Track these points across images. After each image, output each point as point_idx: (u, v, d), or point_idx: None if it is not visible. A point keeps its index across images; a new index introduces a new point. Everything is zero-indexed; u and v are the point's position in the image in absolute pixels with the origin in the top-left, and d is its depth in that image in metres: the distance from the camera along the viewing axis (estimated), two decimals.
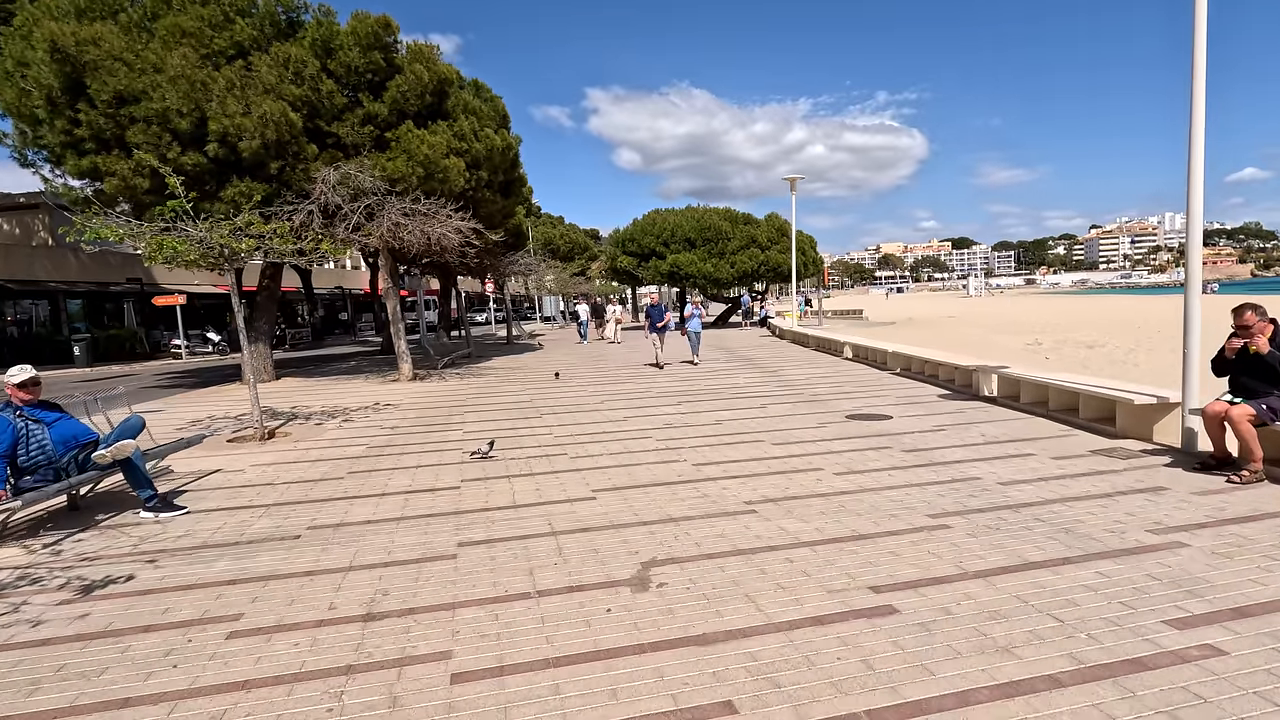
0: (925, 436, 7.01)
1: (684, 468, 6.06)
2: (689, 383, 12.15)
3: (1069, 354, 18.35)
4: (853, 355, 15.44)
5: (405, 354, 14.38)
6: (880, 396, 9.82)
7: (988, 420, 7.74)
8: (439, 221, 13.41)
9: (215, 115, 12.25)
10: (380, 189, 13.20)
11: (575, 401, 10.39)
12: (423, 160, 14.42)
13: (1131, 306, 46.31)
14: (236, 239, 7.68)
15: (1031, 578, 3.50)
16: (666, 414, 8.92)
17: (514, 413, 9.56)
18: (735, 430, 7.68)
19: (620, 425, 8.25)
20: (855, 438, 7.07)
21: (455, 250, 14.49)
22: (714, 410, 9.08)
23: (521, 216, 28.63)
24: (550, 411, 9.53)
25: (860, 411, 8.62)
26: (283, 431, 8.67)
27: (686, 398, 10.29)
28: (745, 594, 3.43)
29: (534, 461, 6.51)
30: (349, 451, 7.32)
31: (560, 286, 47.38)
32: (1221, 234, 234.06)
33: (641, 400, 10.24)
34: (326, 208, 12.73)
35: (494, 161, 17.50)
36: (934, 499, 4.89)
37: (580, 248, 54.17)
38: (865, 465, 5.91)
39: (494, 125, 17.86)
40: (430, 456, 6.92)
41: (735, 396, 10.28)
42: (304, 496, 5.56)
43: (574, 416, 9.01)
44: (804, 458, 6.27)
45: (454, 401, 10.94)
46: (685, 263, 30.13)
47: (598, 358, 18.18)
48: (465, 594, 3.55)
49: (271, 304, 15.41)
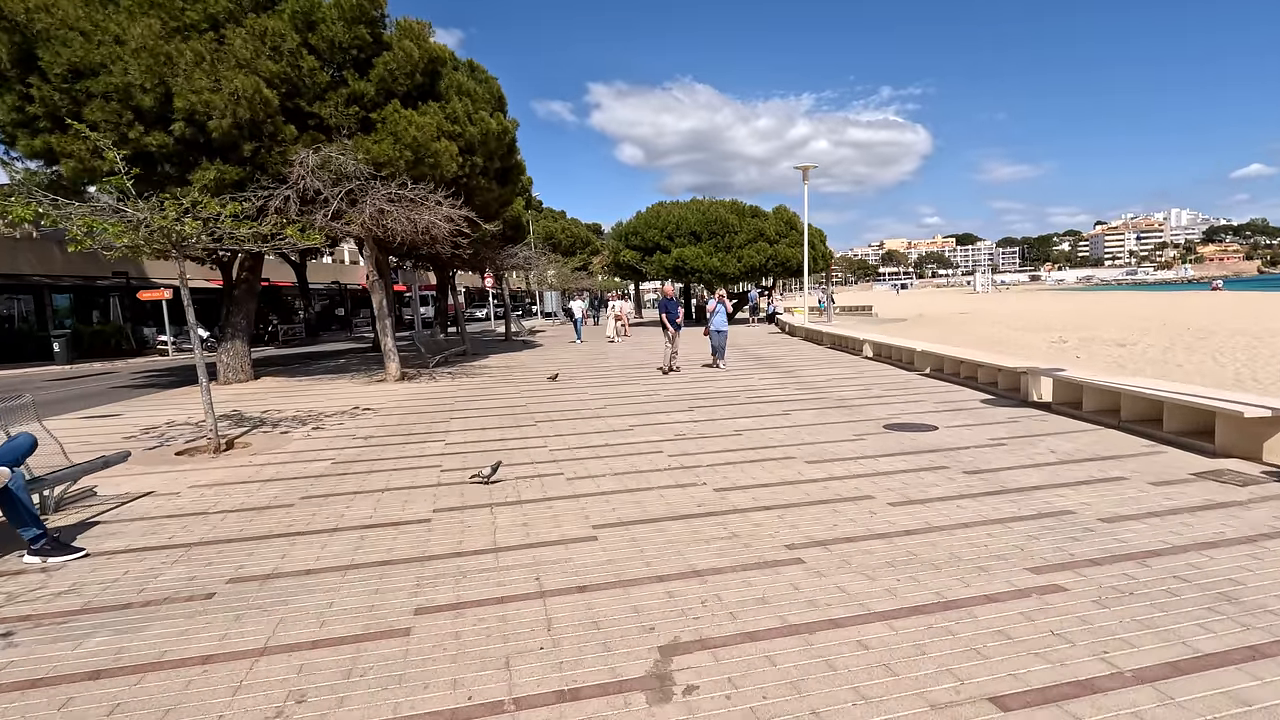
0: (984, 454, 5.95)
1: (704, 494, 5.02)
2: (700, 385, 11.10)
3: (1099, 352, 17.26)
4: (873, 354, 14.38)
5: (392, 352, 13.35)
6: (915, 401, 8.76)
7: (1051, 432, 6.68)
8: (428, 209, 12.36)
9: (181, 91, 11.19)
10: (364, 174, 12.14)
11: (574, 407, 9.35)
12: (411, 143, 13.37)
13: (1146, 303, 45.15)
14: (181, 223, 6.62)
15: (1218, 683, 2.46)
16: (678, 422, 7.88)
17: (505, 420, 8.52)
18: (759, 443, 6.63)
19: (625, 437, 7.21)
20: (901, 454, 6.02)
21: (446, 241, 13.45)
22: (731, 418, 8.04)
23: (520, 208, 27.56)
24: (546, 419, 8.49)
25: (899, 420, 7.56)
26: (242, 442, 7.64)
27: (699, 403, 9.25)
28: (813, 711, 2.38)
29: (523, 484, 5.47)
30: (310, 468, 6.29)
31: (562, 281, 46.36)
32: (1228, 230, 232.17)
33: (648, 406, 9.19)
34: (305, 193, 11.68)
35: (489, 146, 16.44)
36: (1027, 543, 3.84)
37: (582, 242, 53.09)
38: (924, 492, 4.86)
39: (489, 108, 16.79)
40: (402, 476, 5.88)
41: (753, 401, 9.23)
42: (239, 532, 4.53)
43: (573, 425, 7.97)
44: (847, 481, 5.22)
45: (441, 406, 9.90)
46: (690, 257, 29.05)
47: (597, 357, 17.13)
48: (411, 703, 2.51)
49: (250, 298, 14.37)
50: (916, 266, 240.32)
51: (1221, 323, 24.03)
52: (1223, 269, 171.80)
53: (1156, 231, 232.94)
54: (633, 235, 31.00)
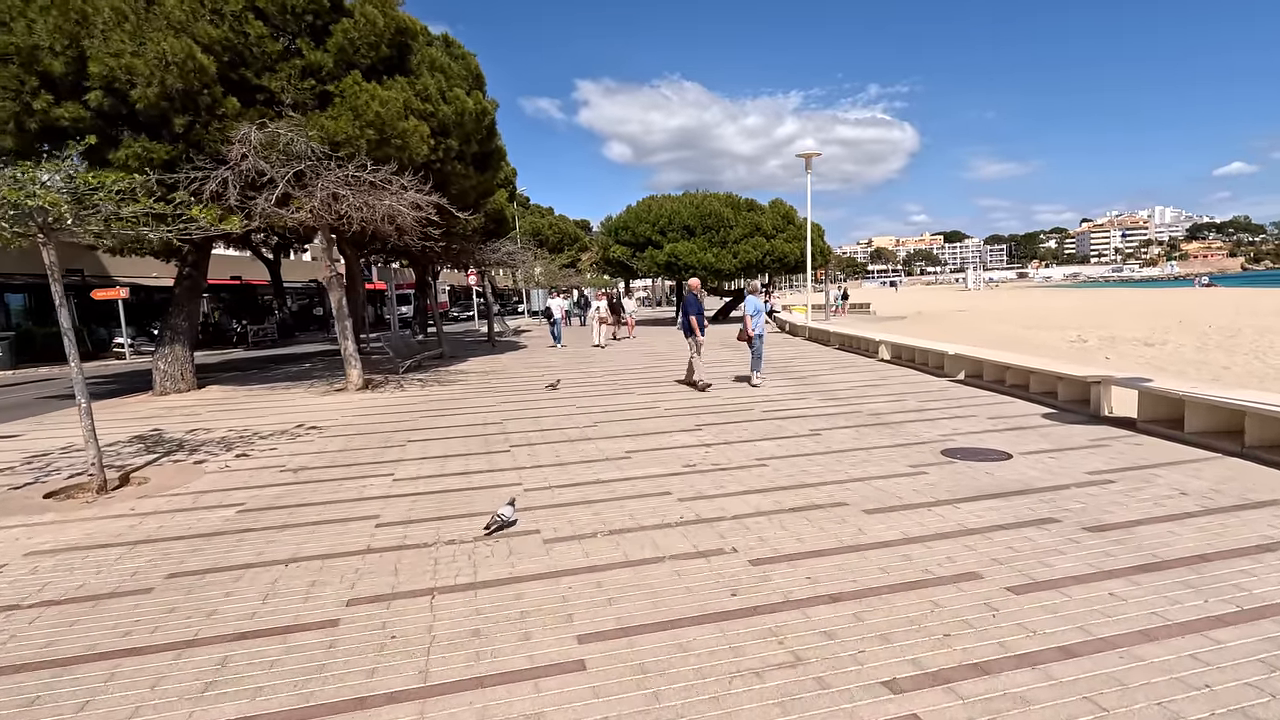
0: (1094, 496, 4.54)
1: (736, 569, 3.56)
2: (704, 398, 9.64)
3: (1128, 353, 16.03)
4: (891, 356, 13.00)
5: (354, 357, 11.78)
6: (964, 417, 7.36)
7: (1160, 462, 5.29)
8: (391, 194, 10.80)
9: (96, 54, 9.58)
10: (317, 154, 10.57)
11: (558, 423, 7.87)
12: (374, 120, 11.81)
13: (1146, 300, 44.35)
14: (34, 195, 5.04)
15: None
16: (684, 447, 6.42)
17: (474, 443, 7.01)
18: (794, 480, 5.18)
19: (621, 469, 5.74)
20: (984, 498, 4.59)
21: (415, 231, 11.88)
22: (750, 440, 6.59)
23: (503, 200, 25.97)
24: (524, 441, 6.99)
25: (957, 444, 6.15)
26: (140, 476, 6.09)
27: (706, 419, 7.79)
28: None
29: (482, 552, 3.98)
30: (206, 520, 4.76)
31: (549, 279, 44.75)
32: (1211, 228, 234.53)
33: (646, 424, 7.72)
34: (247, 175, 10.08)
35: (465, 128, 14.89)
36: (1265, 679, 2.41)
37: (570, 238, 51.55)
38: (1048, 567, 3.43)
39: (465, 86, 15.24)
40: (321, 536, 4.37)
41: (772, 416, 7.78)
42: (42, 649, 3.01)
43: (555, 452, 6.48)
44: (933, 547, 3.78)
45: (400, 423, 8.37)
46: (684, 252, 27.58)
47: (583, 363, 15.62)
48: None
49: (192, 297, 12.73)
50: (905, 264, 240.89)
51: (1240, 320, 22.95)
52: (1207, 266, 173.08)
53: (1141, 229, 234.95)
54: (623, 230, 29.48)
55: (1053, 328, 23.71)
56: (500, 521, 4.30)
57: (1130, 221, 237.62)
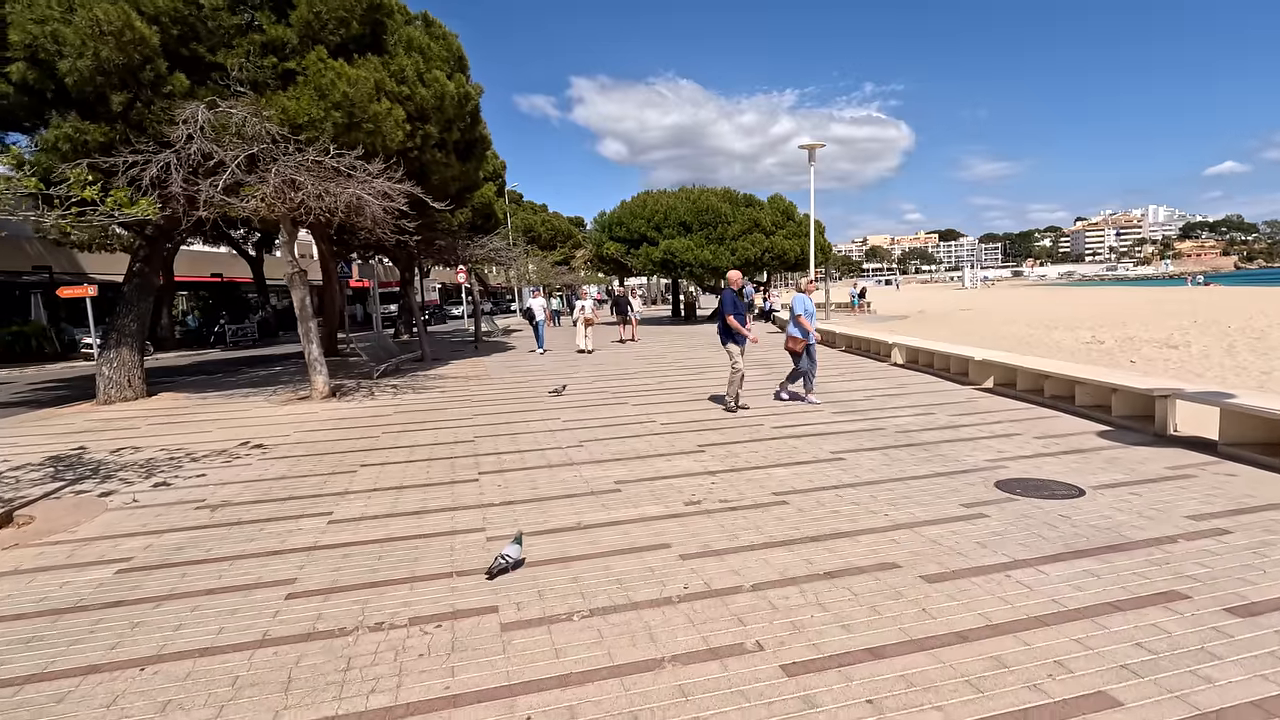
0: (1217, 557, 3.53)
1: (765, 688, 2.53)
2: (707, 410, 8.61)
3: (1152, 356, 15.09)
4: (905, 360, 12.00)
5: (318, 362, 10.70)
6: (1006, 435, 6.36)
7: (1273, 503, 4.29)
8: (357, 181, 9.73)
9: (18, 20, 8.48)
10: (275, 137, 9.48)
11: (538, 441, 6.82)
12: (341, 101, 10.73)
13: (1148, 299, 43.58)
14: None
15: None
16: (686, 475, 5.38)
17: (437, 469, 5.96)
18: (823, 526, 4.16)
19: (608, 509, 4.70)
20: (1074, 557, 3.58)
21: (386, 224, 10.80)
22: (763, 466, 5.57)
23: (491, 194, 24.88)
24: (496, 467, 5.95)
25: (1010, 473, 5.14)
26: (25, 515, 5.01)
27: (709, 434, 6.76)
28: None
29: (414, 647, 2.94)
30: (66, 589, 3.70)
31: (542, 276, 43.65)
32: (1204, 227, 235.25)
33: (640, 440, 6.68)
34: (191, 160, 8.98)
35: (445, 113, 13.82)
36: None
37: (563, 235, 50.44)
38: (1220, 694, 2.42)
39: (446, 68, 14.15)
40: (205, 618, 3.31)
41: (783, 434, 6.75)
42: None
43: (531, 481, 5.44)
44: (1028, 641, 2.76)
45: (358, 441, 7.30)
46: (680, 249, 26.55)
47: (571, 369, 14.57)
48: None
49: (143, 295, 11.60)
50: (900, 262, 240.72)
51: (1259, 320, 22.07)
52: (1200, 265, 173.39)
53: (1135, 228, 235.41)
54: (617, 226, 28.42)
55: (1063, 327, 22.78)
56: (504, 565, 3.58)
57: (1124, 220, 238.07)
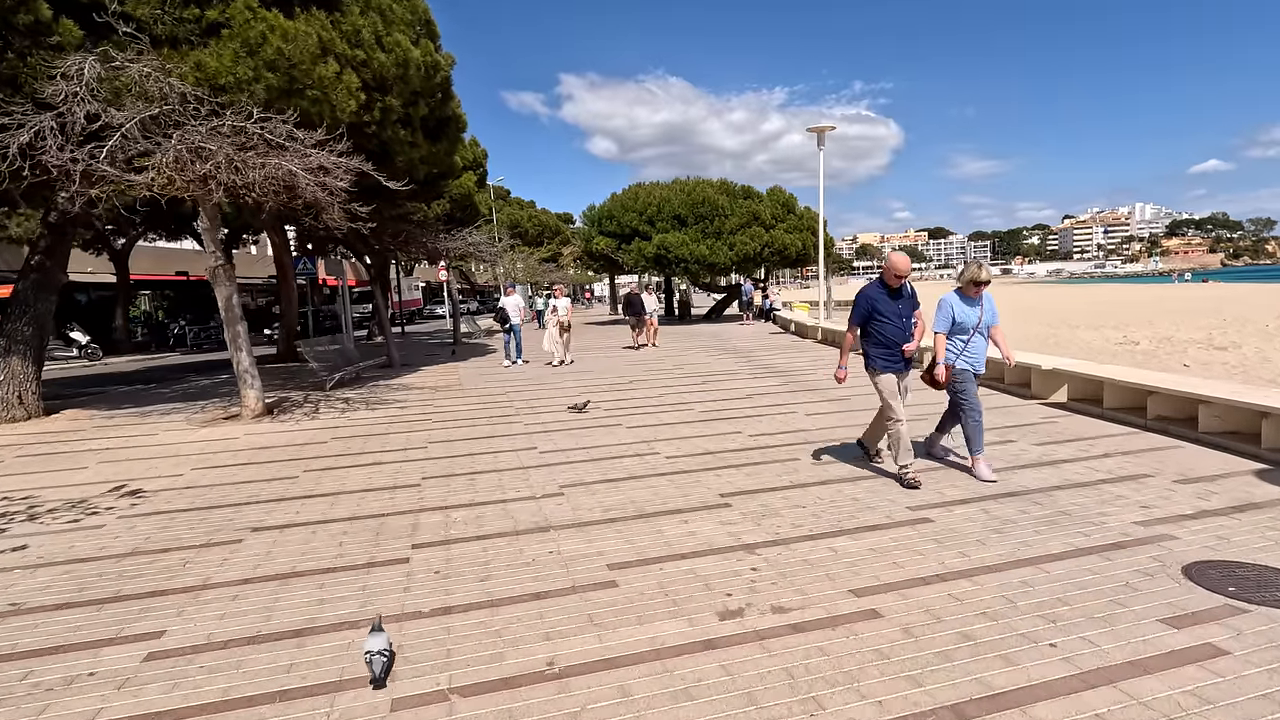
0: None
1: None
2: (719, 439, 6.92)
3: (1204, 358, 13.58)
4: None
5: (250, 375, 8.90)
6: (1136, 480, 4.72)
7: None
8: (291, 155, 7.94)
9: None
10: (189, 98, 7.69)
11: (503, 488, 5.11)
12: (274, 60, 8.98)
13: (1146, 295, 42.54)
14: None
15: None
16: (712, 553, 3.69)
17: (353, 541, 4.22)
18: (955, 676, 2.47)
19: (602, 626, 2.98)
20: None
21: (334, 208, 9.02)
22: (820, 533, 3.88)
23: (472, 184, 23.05)
24: (439, 537, 4.21)
25: (1185, 548, 3.48)
26: None
27: (733, 475, 5.07)
28: None
29: None
30: None
31: (529, 274, 41.80)
32: (1190, 224, 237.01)
33: (641, 489, 4.98)
34: (73, 125, 7.15)
35: (410, 84, 12.04)
36: None
37: (551, 231, 48.60)
38: None
39: (411, 33, 12.37)
40: None
41: (832, 474, 5.07)
42: None
43: (484, 564, 3.72)
44: None
45: (264, 487, 5.54)
46: (674, 244, 24.85)
47: (557, 378, 12.85)
48: None
49: (41, 296, 9.72)
50: None
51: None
52: (1188, 262, 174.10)
53: (1123, 225, 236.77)
54: (607, 220, 26.68)
55: (1085, 326, 21.32)
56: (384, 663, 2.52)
57: (1112, 218, 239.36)
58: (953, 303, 4.97)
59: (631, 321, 16.26)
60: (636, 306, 16.06)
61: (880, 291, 4.88)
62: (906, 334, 4.85)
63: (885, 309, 4.82)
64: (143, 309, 34.22)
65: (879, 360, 4.86)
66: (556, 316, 13.37)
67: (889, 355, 4.84)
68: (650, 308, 16.29)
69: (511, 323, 13.75)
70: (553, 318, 13.44)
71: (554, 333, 13.29)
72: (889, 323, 4.81)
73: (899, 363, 4.87)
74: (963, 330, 4.97)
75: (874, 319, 4.85)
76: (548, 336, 13.37)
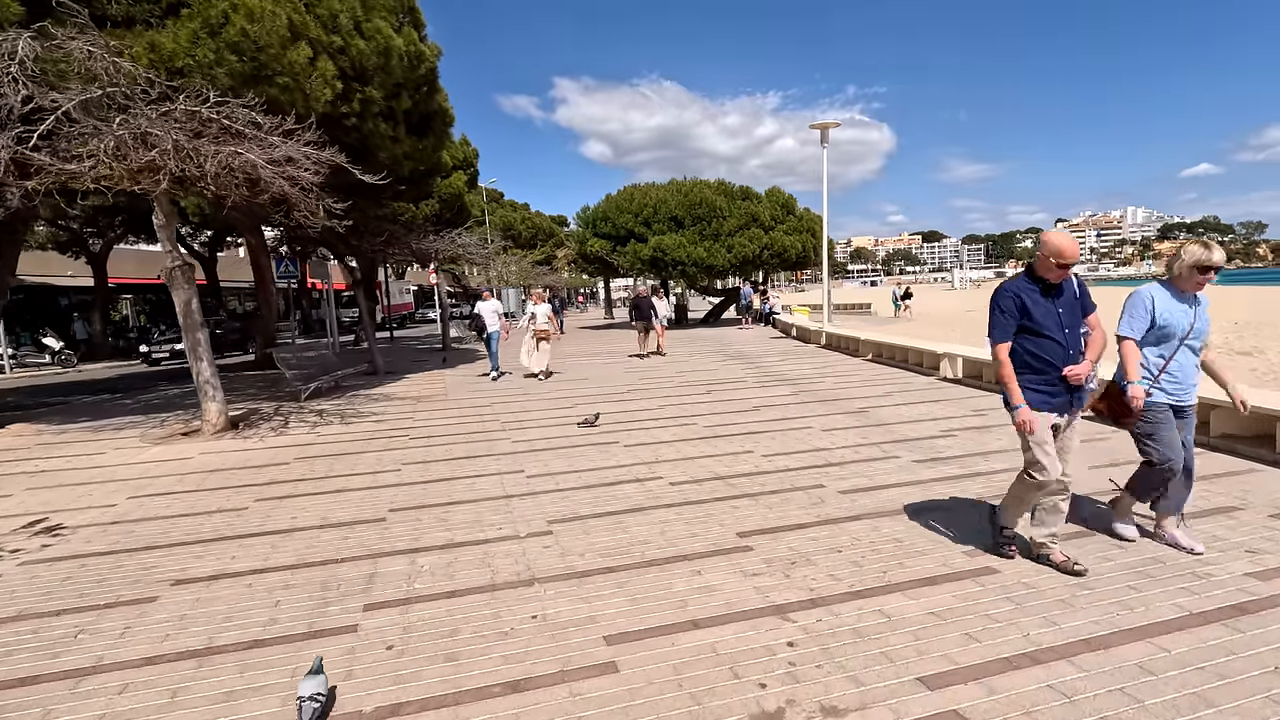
0: None
1: None
2: (738, 460, 6.19)
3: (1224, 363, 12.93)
4: (963, 374, 9.69)
5: (211, 386, 8.11)
6: (1226, 512, 4.03)
7: None
8: (253, 144, 7.18)
9: None
10: (135, 79, 6.93)
11: (482, 524, 4.36)
12: (239, 42, 8.27)
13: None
14: None
15: None
16: (734, 610, 2.96)
17: (291, 602, 3.47)
18: None
19: (592, 671, 2.27)
20: None
21: (305, 203, 8.25)
22: (863, 589, 3.16)
23: (461, 184, 22.31)
24: (397, 593, 3.46)
25: None
26: None
27: (746, 504, 4.35)
28: None
29: None
30: None
31: (522, 277, 41.09)
32: (1182, 227, 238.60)
33: (642, 514, 4.26)
34: (5, 110, 6.38)
35: (392, 74, 11.34)
36: None
37: (545, 234, 47.89)
38: None
39: (393, 19, 11.67)
40: None
41: (869, 507, 4.35)
42: None
43: (451, 635, 2.97)
44: None
45: (204, 522, 4.78)
46: (671, 246, 24.16)
47: (543, 388, 12.11)
48: None
49: None
50: (884, 263, 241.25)
51: None
52: None
53: (1116, 229, 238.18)
54: (602, 222, 25.96)
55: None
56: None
57: (1105, 221, 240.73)
58: (1154, 297, 3.42)
59: (639, 327, 14.65)
60: (644, 311, 14.41)
61: (1030, 288, 3.27)
62: (1073, 351, 3.22)
63: (1039, 314, 3.22)
64: (123, 314, 33.29)
65: (1028, 391, 3.25)
66: (534, 325, 11.77)
67: (1044, 384, 3.23)
68: (662, 312, 14.87)
69: (489, 331, 12.22)
70: (530, 326, 11.90)
71: (531, 343, 11.84)
72: (1046, 335, 3.20)
73: (1061, 396, 3.24)
74: (1166, 339, 3.39)
75: (1024, 326, 3.26)
76: (524, 348, 12.01)
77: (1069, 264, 3.18)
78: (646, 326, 14.51)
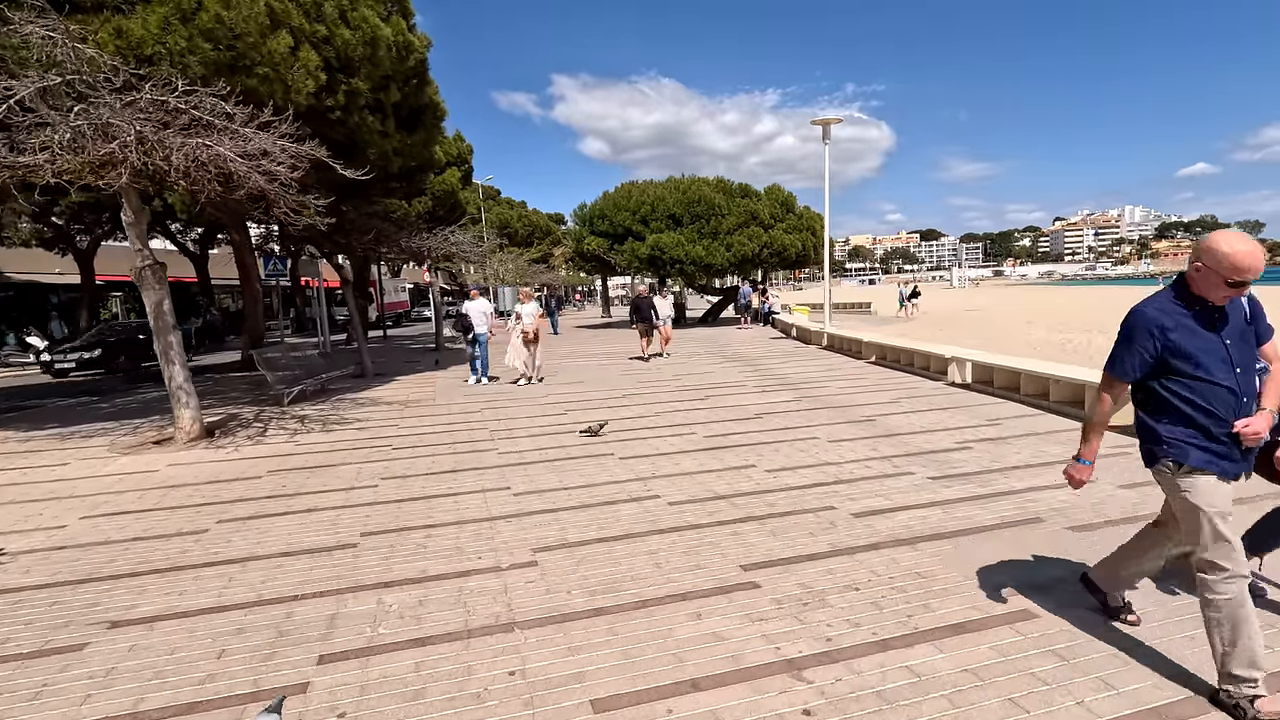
0: None
1: None
2: (740, 476, 5.81)
3: None
4: (971, 379, 9.32)
5: (184, 393, 7.69)
6: None
7: None
8: (224, 136, 6.75)
9: None
10: (100, 66, 6.50)
11: (462, 553, 3.96)
12: (214, 29, 7.86)
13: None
14: None
15: None
16: (742, 667, 2.58)
17: (237, 653, 3.07)
18: None
19: None
20: None
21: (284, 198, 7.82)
22: (890, 638, 2.77)
23: (455, 181, 21.92)
24: (358, 641, 3.06)
25: None
26: None
27: (752, 528, 3.97)
28: None
29: None
30: None
31: (519, 275, 40.66)
32: (1179, 227, 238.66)
33: (637, 541, 3.87)
34: None
35: (380, 66, 10.93)
36: None
37: (542, 232, 47.44)
38: None
39: (380, 9, 11.24)
40: None
41: (888, 534, 3.97)
42: None
43: (417, 701, 2.59)
44: None
45: (157, 548, 4.38)
46: (670, 244, 23.76)
47: (533, 393, 11.72)
48: None
49: None
50: (882, 262, 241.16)
51: None
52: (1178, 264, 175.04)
53: (1113, 228, 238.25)
54: (599, 219, 25.54)
55: (1097, 330, 20.40)
56: None
57: (1102, 220, 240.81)
58: None
59: (640, 329, 13.86)
60: (645, 311, 13.67)
61: (1181, 313, 2.34)
62: (1246, 397, 2.31)
63: (1197, 350, 2.30)
64: (113, 311, 32.82)
65: (1192, 449, 2.32)
66: (521, 325, 11.13)
67: (1213, 440, 2.31)
68: (664, 312, 14.25)
69: (476, 333, 11.42)
70: (516, 327, 11.23)
71: (518, 345, 11.19)
72: (1209, 375, 2.29)
73: (1235, 459, 2.32)
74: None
75: (1173, 367, 2.34)
76: (511, 350, 11.27)
77: (1246, 280, 2.20)
78: (647, 328, 13.90)
